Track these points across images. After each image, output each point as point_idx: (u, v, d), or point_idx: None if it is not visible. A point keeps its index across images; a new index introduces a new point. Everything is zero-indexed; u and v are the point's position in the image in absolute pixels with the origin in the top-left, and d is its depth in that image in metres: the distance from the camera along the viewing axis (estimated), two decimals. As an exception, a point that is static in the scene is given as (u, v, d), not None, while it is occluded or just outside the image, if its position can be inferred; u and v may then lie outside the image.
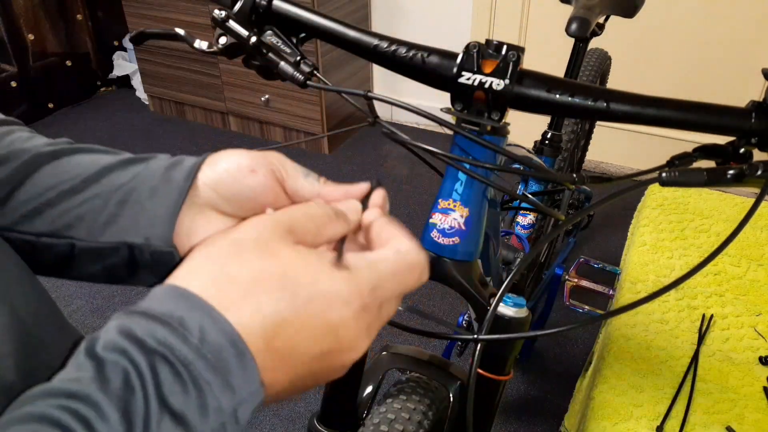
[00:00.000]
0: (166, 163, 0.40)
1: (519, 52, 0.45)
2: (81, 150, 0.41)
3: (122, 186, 0.39)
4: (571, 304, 1.03)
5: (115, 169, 0.40)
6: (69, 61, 2.74)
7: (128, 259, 0.40)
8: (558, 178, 0.49)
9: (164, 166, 0.40)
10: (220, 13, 0.50)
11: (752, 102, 0.43)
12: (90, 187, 0.39)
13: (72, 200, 0.39)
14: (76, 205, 0.39)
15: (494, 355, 0.58)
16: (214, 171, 0.39)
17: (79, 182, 0.39)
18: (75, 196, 0.39)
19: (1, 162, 0.39)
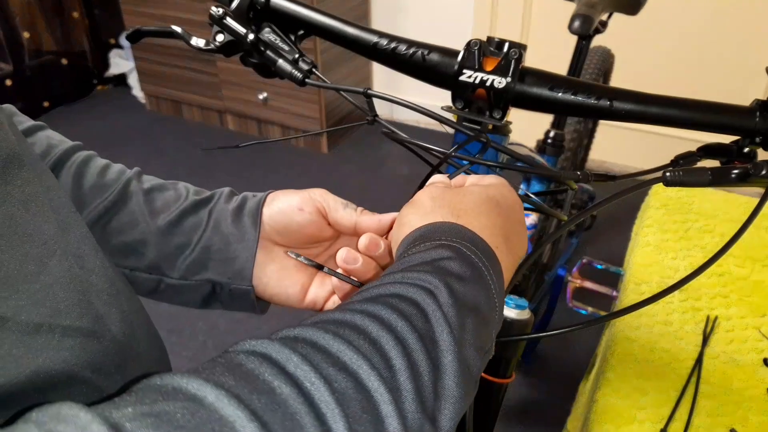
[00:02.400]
0: (232, 206, 0.48)
1: (521, 49, 0.44)
2: (155, 189, 0.48)
3: (201, 231, 0.46)
4: (574, 305, 1.02)
5: (190, 212, 0.47)
6: (65, 59, 2.73)
7: (208, 294, 0.48)
8: (561, 177, 0.48)
9: (231, 210, 0.47)
10: (218, 11, 0.49)
11: (756, 101, 0.42)
12: (174, 230, 0.46)
13: (158, 240, 0.46)
14: (161, 246, 0.46)
15: (496, 357, 0.57)
16: (271, 210, 0.47)
17: (164, 225, 0.46)
18: (160, 237, 0.46)
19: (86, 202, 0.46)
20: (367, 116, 0.50)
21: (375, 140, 2.44)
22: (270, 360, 0.24)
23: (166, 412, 0.20)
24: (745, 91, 1.92)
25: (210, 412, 0.20)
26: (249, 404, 0.21)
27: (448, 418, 0.28)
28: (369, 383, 0.25)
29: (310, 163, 2.31)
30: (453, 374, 0.28)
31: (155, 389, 0.21)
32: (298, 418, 0.22)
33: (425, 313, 0.29)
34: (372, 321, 0.27)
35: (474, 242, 0.35)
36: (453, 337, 0.29)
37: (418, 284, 0.30)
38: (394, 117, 2.54)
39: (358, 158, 2.36)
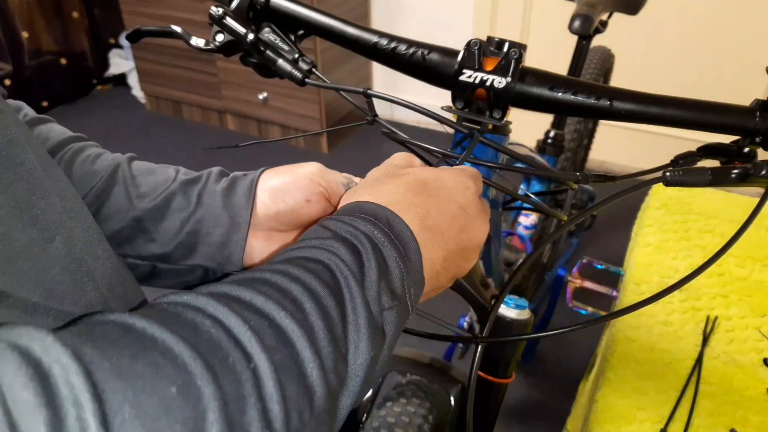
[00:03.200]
0: (222, 186, 0.47)
1: (521, 49, 0.44)
2: (142, 173, 0.47)
3: (189, 213, 0.46)
4: (574, 305, 1.02)
5: (177, 194, 0.46)
6: (64, 59, 2.73)
7: (202, 276, 0.47)
8: (561, 177, 0.48)
9: (221, 191, 0.46)
10: (218, 10, 0.49)
11: (756, 101, 0.42)
12: (162, 213, 0.46)
13: (147, 225, 0.46)
14: (151, 230, 0.46)
15: (496, 357, 0.57)
16: (274, 203, 0.46)
17: (150, 209, 0.45)
18: (149, 222, 0.45)
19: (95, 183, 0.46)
20: (367, 116, 0.50)
21: (375, 140, 2.44)
22: (190, 306, 0.26)
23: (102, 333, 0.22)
24: (745, 91, 1.92)
25: (141, 334, 0.23)
26: (176, 330, 0.23)
27: (359, 356, 0.30)
28: (281, 321, 0.27)
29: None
30: (362, 316, 0.30)
31: (93, 321, 0.24)
32: (220, 342, 0.24)
33: (329, 267, 0.31)
34: (281, 276, 0.29)
35: (376, 215, 0.36)
36: (358, 285, 0.31)
37: (320, 247, 0.33)
38: (394, 117, 2.54)
39: (358, 158, 2.36)
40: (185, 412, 0.21)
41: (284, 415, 0.25)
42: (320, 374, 0.27)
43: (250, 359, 0.25)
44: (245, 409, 0.23)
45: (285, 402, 0.25)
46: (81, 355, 0.20)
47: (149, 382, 0.21)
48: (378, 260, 0.33)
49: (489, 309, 0.51)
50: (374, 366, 0.31)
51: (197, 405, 0.22)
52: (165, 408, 0.21)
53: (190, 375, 0.22)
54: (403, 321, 0.34)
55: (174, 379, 0.22)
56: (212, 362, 0.23)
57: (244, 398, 0.23)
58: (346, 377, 0.29)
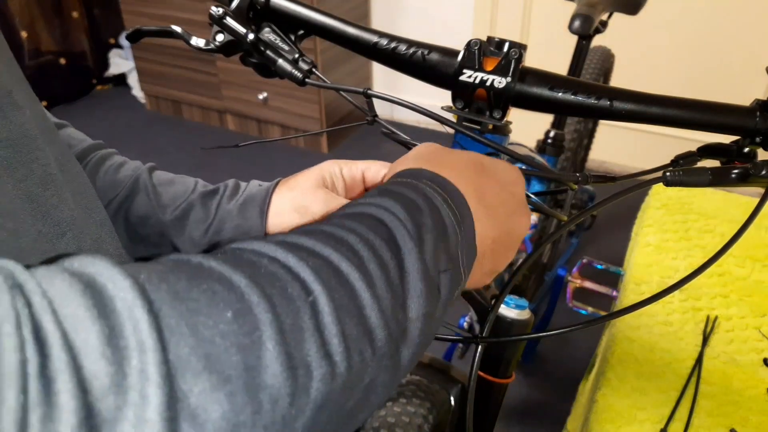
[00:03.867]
0: (240, 201, 0.49)
1: (521, 49, 0.44)
2: (164, 183, 0.49)
3: (209, 223, 0.48)
4: (574, 305, 1.02)
5: (195, 206, 0.48)
6: (64, 59, 2.73)
7: None
8: (561, 178, 0.48)
9: (235, 210, 0.48)
10: (218, 10, 0.49)
11: (757, 101, 0.42)
12: (183, 223, 0.48)
13: (174, 234, 0.47)
14: (178, 238, 0.47)
15: (496, 357, 0.57)
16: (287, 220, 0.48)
17: (172, 220, 0.47)
18: (175, 230, 0.47)
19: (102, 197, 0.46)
20: (367, 116, 0.50)
21: (375, 140, 2.44)
22: (248, 249, 0.26)
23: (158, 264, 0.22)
24: (745, 91, 1.92)
25: (198, 265, 0.23)
26: (233, 264, 0.24)
27: (415, 309, 0.29)
28: (339, 264, 0.27)
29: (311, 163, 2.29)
30: (418, 270, 0.30)
31: (168, 260, 0.24)
32: (279, 275, 0.24)
33: (384, 223, 0.31)
34: (337, 228, 0.29)
35: (434, 180, 0.36)
36: (414, 242, 0.31)
37: (375, 204, 0.32)
38: (394, 117, 2.54)
39: (359, 158, 2.36)
40: (241, 337, 0.21)
41: (344, 349, 0.24)
42: (380, 318, 0.27)
43: (310, 292, 0.24)
44: (303, 339, 0.23)
45: (345, 339, 0.24)
46: (136, 275, 0.20)
47: (205, 305, 0.21)
48: (436, 221, 0.33)
49: (489, 309, 0.51)
50: (430, 323, 0.31)
51: (253, 330, 0.21)
52: (220, 330, 0.20)
53: (246, 301, 0.22)
54: (456, 286, 0.34)
55: (231, 304, 0.21)
56: (270, 292, 0.23)
57: (302, 329, 0.23)
58: (406, 326, 0.29)
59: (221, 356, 0.20)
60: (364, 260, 0.28)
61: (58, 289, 0.18)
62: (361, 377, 0.25)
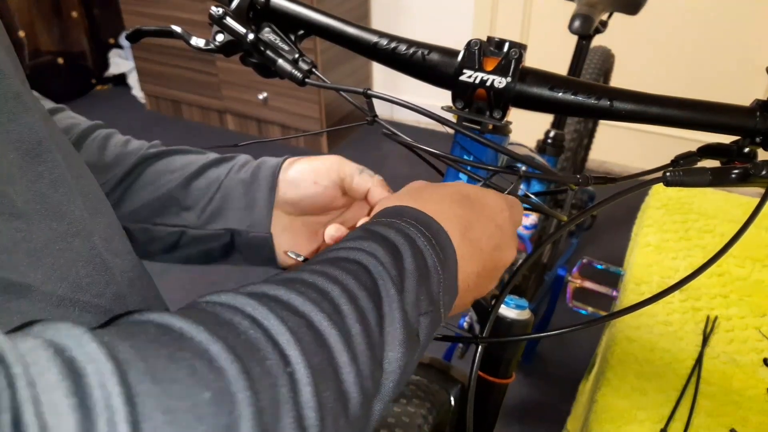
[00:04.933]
0: (253, 163, 0.51)
1: (521, 49, 0.44)
2: (178, 151, 0.51)
3: (220, 181, 0.49)
4: (574, 305, 1.02)
5: (211, 166, 0.50)
6: (63, 59, 2.73)
7: (228, 243, 0.49)
8: (561, 179, 0.48)
9: (253, 165, 0.50)
10: (218, 10, 0.49)
11: (757, 101, 0.42)
12: (192, 182, 0.48)
13: (180, 193, 0.48)
14: (183, 198, 0.48)
15: (496, 357, 0.57)
16: (284, 180, 0.49)
17: (183, 179, 0.48)
18: (182, 190, 0.48)
19: (111, 167, 0.48)
20: (367, 116, 0.50)
21: (375, 140, 2.44)
22: (228, 305, 0.26)
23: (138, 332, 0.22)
24: (745, 91, 1.92)
25: (179, 334, 0.23)
26: (213, 330, 0.23)
27: (393, 361, 0.29)
28: (319, 324, 0.27)
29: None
30: (398, 320, 0.30)
31: (131, 321, 0.24)
32: (258, 344, 0.24)
33: (367, 269, 0.31)
34: (319, 276, 0.29)
35: (418, 219, 0.36)
36: (396, 289, 0.31)
37: (359, 248, 0.32)
38: (394, 117, 2.54)
39: (359, 158, 2.35)
40: (219, 419, 0.21)
41: (319, 421, 0.24)
42: (356, 380, 0.27)
43: (288, 363, 0.24)
44: (280, 415, 0.23)
45: (321, 408, 0.24)
46: (116, 354, 0.20)
47: (184, 387, 0.21)
48: (419, 264, 0.33)
49: (489, 309, 0.51)
50: (406, 371, 0.31)
51: (231, 412, 0.21)
52: (198, 415, 0.20)
53: (225, 380, 0.22)
54: (435, 328, 0.34)
55: (209, 384, 0.21)
56: (249, 366, 0.23)
57: (279, 404, 0.23)
58: (381, 382, 0.29)
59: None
60: (345, 317, 0.28)
61: (40, 369, 0.18)
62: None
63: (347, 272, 0.30)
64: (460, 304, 0.39)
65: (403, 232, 0.34)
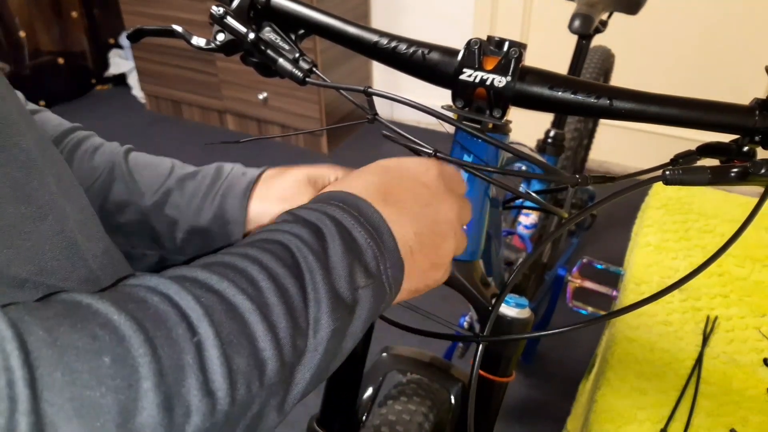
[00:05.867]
0: (221, 191, 0.50)
1: (521, 48, 0.44)
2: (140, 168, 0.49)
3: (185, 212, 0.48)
4: (574, 305, 1.02)
5: (173, 191, 0.49)
6: (63, 59, 2.73)
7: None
8: (560, 179, 0.48)
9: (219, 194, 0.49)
10: (218, 10, 0.49)
11: (756, 100, 0.42)
12: (161, 209, 0.48)
13: (153, 219, 0.48)
14: (156, 224, 0.48)
15: (496, 356, 0.57)
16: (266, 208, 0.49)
17: (151, 206, 0.48)
18: (154, 216, 0.48)
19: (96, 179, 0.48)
20: (367, 115, 0.50)
21: (375, 140, 2.44)
22: (141, 285, 0.27)
23: (49, 305, 0.23)
24: (745, 91, 1.92)
25: (86, 307, 0.24)
26: (121, 305, 0.24)
27: (322, 335, 0.31)
28: (234, 299, 0.28)
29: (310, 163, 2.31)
30: (323, 292, 0.31)
31: (49, 298, 0.25)
32: (166, 316, 0.25)
33: (289, 249, 0.32)
34: (238, 257, 0.30)
35: (343, 200, 0.37)
36: (320, 264, 0.32)
37: (282, 230, 0.33)
38: (394, 116, 2.54)
39: (359, 158, 2.36)
40: (118, 381, 0.22)
41: (228, 385, 0.25)
42: (274, 347, 0.28)
43: (195, 332, 0.25)
44: (183, 378, 0.24)
45: (230, 373, 0.26)
46: (17, 323, 0.21)
47: (83, 351, 0.22)
48: (346, 240, 0.34)
49: (490, 308, 0.51)
50: (339, 341, 0.32)
51: (132, 375, 0.22)
52: (97, 376, 0.21)
53: (126, 346, 0.23)
54: (380, 300, 0.35)
55: (110, 350, 0.22)
56: (153, 334, 0.24)
57: (183, 368, 0.24)
58: (305, 351, 0.30)
59: (96, 400, 0.21)
60: (262, 291, 0.29)
61: None
62: (248, 407, 0.27)
63: (267, 251, 0.31)
64: (417, 272, 0.39)
65: (327, 214, 0.35)
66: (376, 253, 0.35)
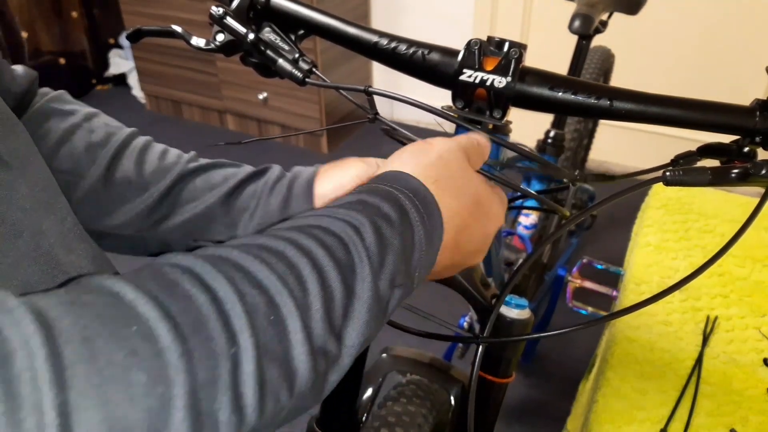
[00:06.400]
0: (287, 176, 0.52)
1: (521, 49, 0.44)
2: (215, 165, 0.52)
3: (258, 198, 0.50)
4: (574, 305, 1.02)
5: (248, 181, 0.51)
6: (64, 59, 2.73)
7: None
8: (561, 175, 0.48)
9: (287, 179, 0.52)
10: (218, 10, 0.49)
11: (756, 100, 0.42)
12: (231, 199, 0.50)
13: (220, 210, 0.49)
14: (223, 215, 0.49)
15: (496, 357, 0.57)
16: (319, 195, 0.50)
17: (222, 195, 0.49)
18: (221, 207, 0.49)
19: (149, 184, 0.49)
20: (368, 114, 0.50)
21: (375, 140, 2.44)
22: (191, 272, 0.25)
23: (87, 302, 0.22)
24: (745, 91, 1.92)
25: (128, 309, 0.22)
26: (164, 306, 0.23)
27: (354, 338, 0.29)
28: (279, 299, 0.26)
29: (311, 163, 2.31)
30: (367, 300, 0.30)
31: (82, 285, 0.23)
32: (207, 322, 0.24)
33: (346, 244, 0.30)
34: (292, 247, 0.28)
35: (418, 194, 0.35)
36: (371, 269, 0.30)
37: (344, 219, 0.31)
38: (395, 116, 2.54)
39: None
40: (151, 400, 0.21)
41: (258, 399, 0.24)
42: (308, 357, 0.26)
43: (234, 342, 0.24)
44: (215, 395, 0.23)
45: (262, 387, 0.24)
46: (51, 327, 0.20)
47: (120, 368, 0.21)
48: (405, 238, 0.32)
49: (490, 309, 0.51)
50: (367, 341, 0.31)
51: (165, 393, 0.22)
52: (131, 395, 0.21)
53: (164, 361, 0.22)
54: (404, 298, 0.34)
55: (147, 366, 0.21)
56: (192, 346, 0.23)
57: (217, 384, 0.23)
58: (338, 357, 0.29)
59: (127, 418, 0.20)
60: (308, 294, 0.27)
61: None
62: (275, 416, 0.26)
63: (322, 245, 0.29)
64: (433, 275, 0.40)
65: (398, 204, 0.34)
66: (422, 254, 0.34)
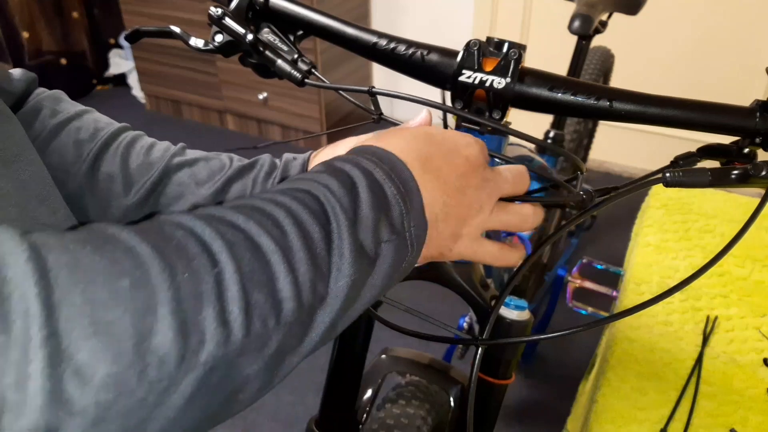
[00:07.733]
0: (278, 167, 0.52)
1: (520, 49, 0.44)
2: (199, 159, 0.51)
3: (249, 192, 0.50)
4: (574, 305, 1.02)
5: (236, 178, 0.51)
6: (64, 59, 2.73)
7: None
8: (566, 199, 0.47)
9: (279, 170, 0.52)
10: (217, 11, 0.49)
11: (756, 101, 0.42)
12: (220, 198, 0.49)
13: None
14: None
15: (495, 358, 0.57)
16: None
17: (211, 194, 0.49)
18: (210, 202, 0.49)
19: (134, 182, 0.49)
20: (372, 115, 0.50)
21: (375, 140, 2.44)
22: (171, 221, 0.27)
23: (81, 239, 0.23)
24: (745, 91, 1.92)
25: (109, 235, 0.24)
26: (145, 236, 0.25)
27: (342, 282, 0.31)
28: (258, 239, 0.28)
29: (310, 163, 2.31)
30: (347, 242, 0.31)
31: (85, 229, 0.25)
32: (187, 247, 0.26)
33: (318, 198, 0.32)
34: (268, 202, 0.31)
35: (376, 154, 0.37)
36: (346, 216, 0.32)
37: (312, 179, 0.34)
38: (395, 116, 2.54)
39: (358, 158, 2.36)
40: (136, 303, 0.23)
41: (245, 318, 0.26)
42: (293, 288, 0.28)
43: (216, 264, 0.26)
44: (201, 307, 0.24)
45: (247, 306, 0.26)
46: (39, 246, 0.22)
47: (102, 274, 0.22)
48: (376, 193, 0.34)
49: (489, 310, 0.51)
50: (359, 290, 0.32)
51: (149, 299, 0.23)
52: (115, 298, 0.22)
53: (146, 271, 0.23)
54: (402, 256, 0.35)
55: (129, 273, 0.23)
56: (173, 263, 0.24)
57: (201, 297, 0.25)
58: (325, 296, 0.30)
59: (113, 321, 0.22)
60: (287, 234, 0.29)
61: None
62: (264, 342, 0.27)
63: (295, 199, 0.32)
64: (437, 240, 0.39)
65: (360, 166, 0.35)
66: (403, 210, 0.35)
